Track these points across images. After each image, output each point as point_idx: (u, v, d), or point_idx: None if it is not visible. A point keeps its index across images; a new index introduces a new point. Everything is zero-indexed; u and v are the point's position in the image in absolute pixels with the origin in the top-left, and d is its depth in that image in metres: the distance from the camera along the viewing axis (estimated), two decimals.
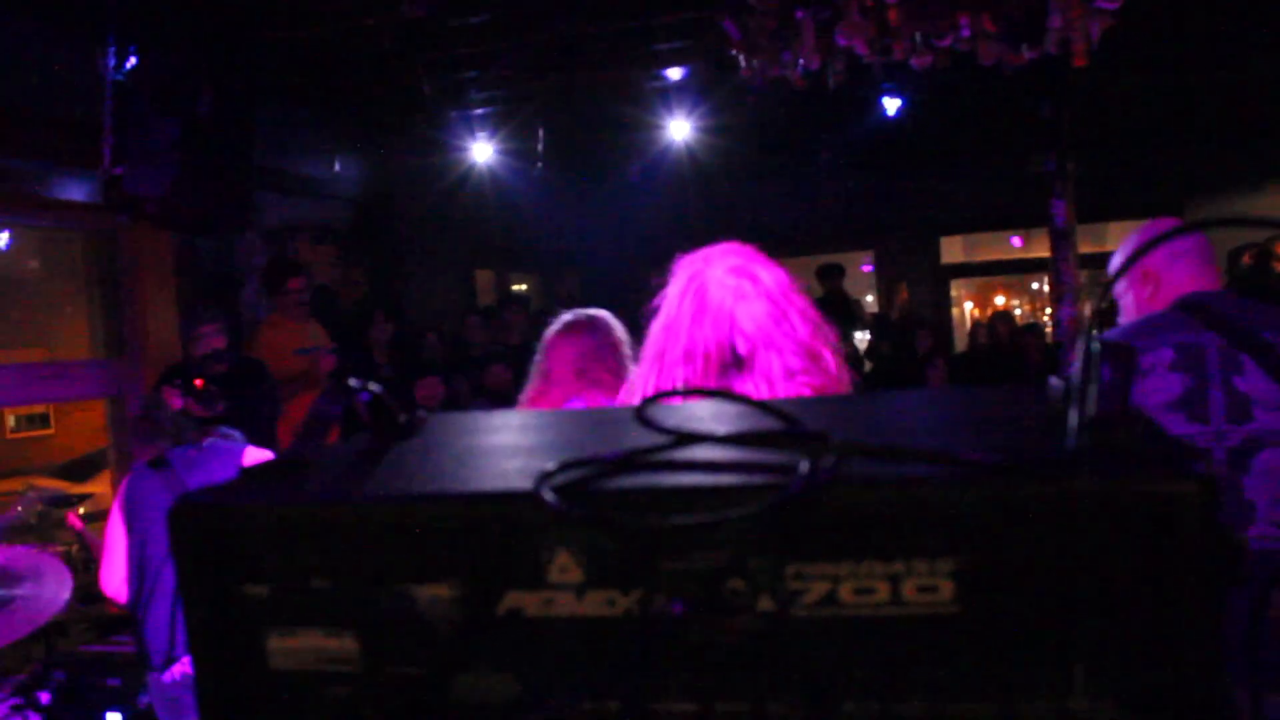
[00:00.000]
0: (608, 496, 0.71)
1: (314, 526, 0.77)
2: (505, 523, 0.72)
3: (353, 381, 0.93)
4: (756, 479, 0.71)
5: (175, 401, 3.96)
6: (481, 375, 6.41)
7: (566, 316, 3.09)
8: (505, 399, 5.75)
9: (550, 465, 0.73)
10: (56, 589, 3.14)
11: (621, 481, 0.73)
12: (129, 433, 4.41)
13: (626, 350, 2.95)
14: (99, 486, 13.75)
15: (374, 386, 0.93)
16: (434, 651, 0.76)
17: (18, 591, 3.13)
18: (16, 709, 3.63)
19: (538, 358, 3.07)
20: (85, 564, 4.48)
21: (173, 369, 4.21)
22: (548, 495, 0.69)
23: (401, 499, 0.76)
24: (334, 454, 0.92)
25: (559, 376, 2.96)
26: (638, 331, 2.66)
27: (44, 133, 4.78)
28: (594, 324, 3.03)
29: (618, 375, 2.89)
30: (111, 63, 4.45)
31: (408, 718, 0.78)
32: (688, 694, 0.73)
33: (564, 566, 0.72)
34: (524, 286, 11.80)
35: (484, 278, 10.28)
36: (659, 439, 0.79)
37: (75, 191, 5.12)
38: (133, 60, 4.47)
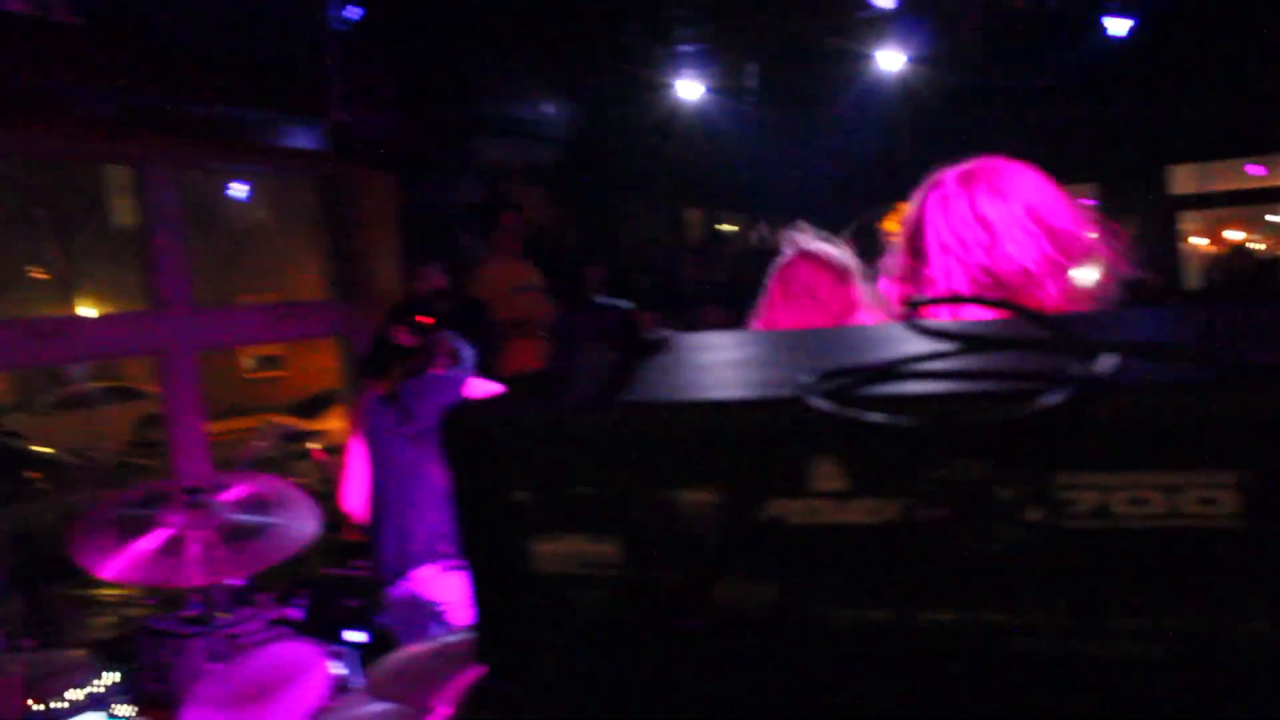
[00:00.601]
0: (873, 403, 0.71)
1: (577, 434, 0.80)
2: (769, 429, 0.73)
3: (603, 298, 0.95)
4: (1026, 385, 0.70)
5: (402, 338, 4.13)
6: (694, 313, 6.45)
7: (799, 248, 3.06)
8: None
9: (813, 373, 0.74)
10: (306, 520, 3.35)
11: (887, 389, 0.73)
12: (360, 369, 4.63)
13: (859, 282, 2.90)
14: (330, 422, 14.57)
15: (624, 303, 0.95)
16: (694, 557, 0.77)
17: (271, 520, 3.35)
18: (271, 623, 3.92)
19: (766, 287, 3.05)
20: (326, 497, 4.75)
21: (398, 308, 4.40)
22: (815, 400, 0.69)
23: (665, 406, 0.78)
24: (589, 367, 0.94)
25: (790, 306, 2.94)
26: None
27: (274, 84, 5.01)
28: (826, 256, 3.00)
29: (849, 307, 2.85)
30: (336, 13, 4.63)
31: (667, 621, 0.80)
32: (951, 604, 0.72)
33: (827, 473, 0.72)
34: (732, 226, 11.77)
35: (692, 216, 10.30)
36: (922, 348, 0.78)
37: (304, 140, 5.36)
38: (356, 10, 4.64)
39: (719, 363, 0.92)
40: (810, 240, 2.98)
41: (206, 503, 3.30)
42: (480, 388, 3.92)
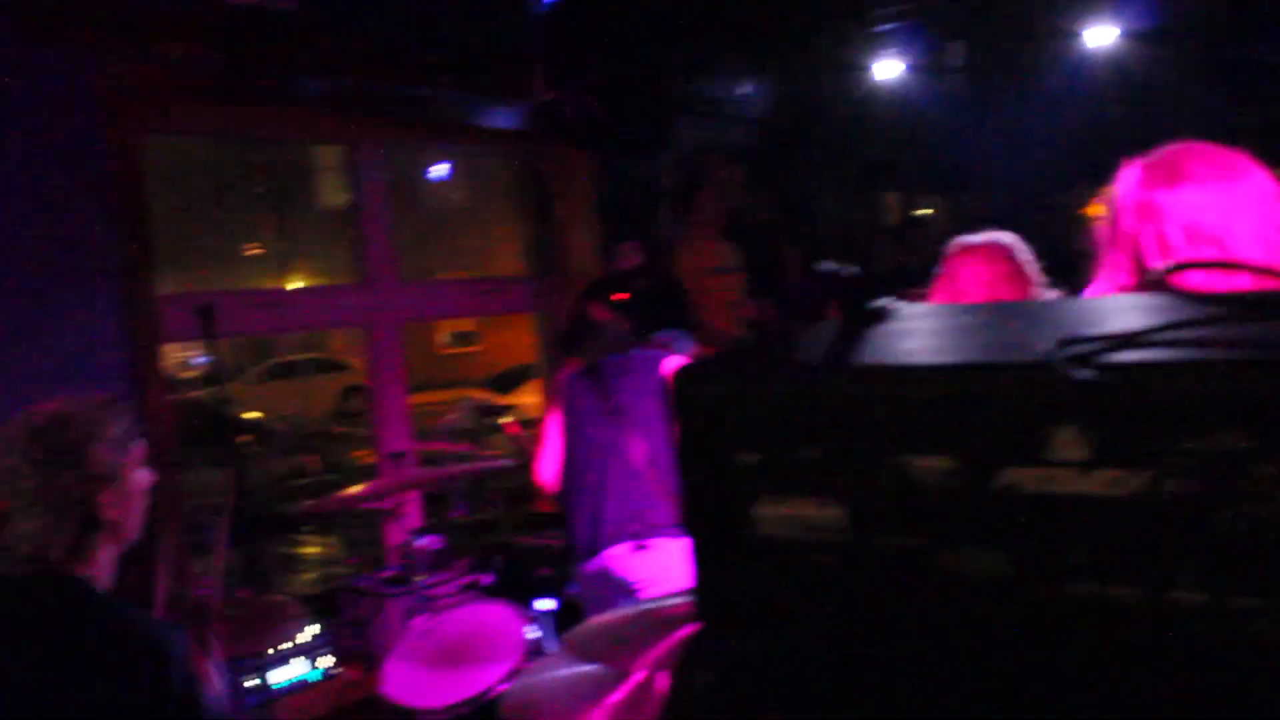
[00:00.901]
0: (1123, 370, 0.68)
1: (805, 397, 0.80)
2: (1010, 394, 0.71)
3: (829, 265, 0.94)
4: None
5: (600, 314, 4.19)
6: (892, 295, 6.31)
7: (974, 237, 2.98)
8: None
9: (1053, 340, 0.71)
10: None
11: (1135, 356, 0.70)
12: (558, 344, 4.72)
13: (1034, 273, 2.82)
14: (523, 397, 14.96)
15: (850, 269, 0.95)
16: (924, 524, 0.76)
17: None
18: (465, 588, 4.06)
19: (941, 277, 2.99)
20: (520, 470, 4.86)
21: (596, 284, 4.46)
22: (1062, 366, 0.67)
23: (898, 370, 0.77)
24: (815, 332, 0.94)
25: (971, 298, 2.87)
26: (1048, 254, 2.50)
27: (479, 66, 5.13)
28: (1004, 247, 2.91)
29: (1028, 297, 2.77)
30: None
31: (893, 589, 0.79)
32: (1200, 584, 0.69)
33: (1069, 442, 0.70)
34: (929, 210, 11.50)
35: (889, 199, 10.12)
36: (1166, 318, 0.75)
37: (507, 120, 5.48)
38: None
39: (947, 329, 0.90)
40: (989, 234, 2.89)
41: (409, 460, 3.47)
42: (679, 364, 3.94)
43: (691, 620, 0.91)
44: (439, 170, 8.49)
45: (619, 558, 3.73)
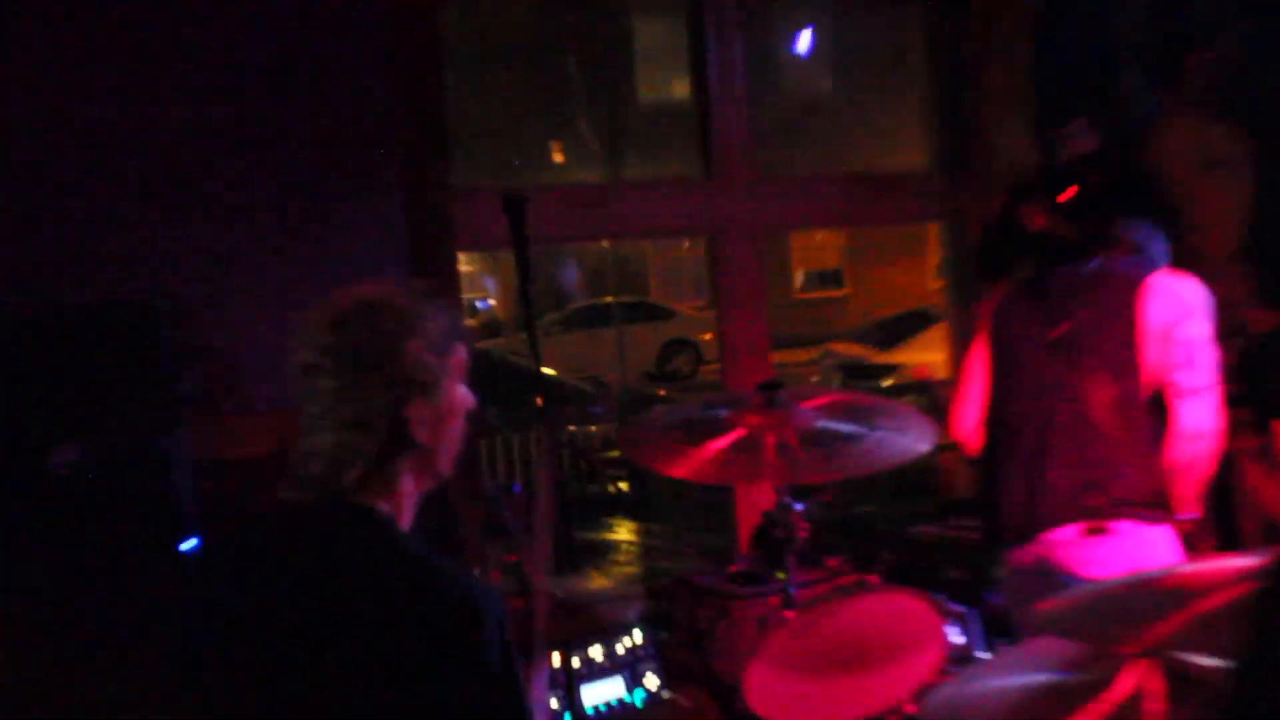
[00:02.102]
0: None
1: None
2: None
3: None
4: None
5: (1037, 220, 4.06)
6: None
7: None
8: None
9: None
10: (916, 439, 3.40)
11: None
12: (979, 263, 4.59)
13: None
14: (908, 354, 14.86)
15: None
16: None
17: (866, 429, 3.42)
18: (841, 589, 4.02)
19: None
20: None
21: (1029, 182, 4.34)
22: None
23: None
24: None
25: None
26: None
27: None
28: None
29: None
30: None
31: None
32: None
33: None
34: None
35: None
36: None
37: None
38: None
39: None
40: None
41: (783, 402, 3.44)
42: (1167, 288, 3.77)
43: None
44: (807, 37, 8.45)
45: (1065, 545, 3.64)
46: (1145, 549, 3.55)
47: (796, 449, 3.29)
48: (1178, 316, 3.69)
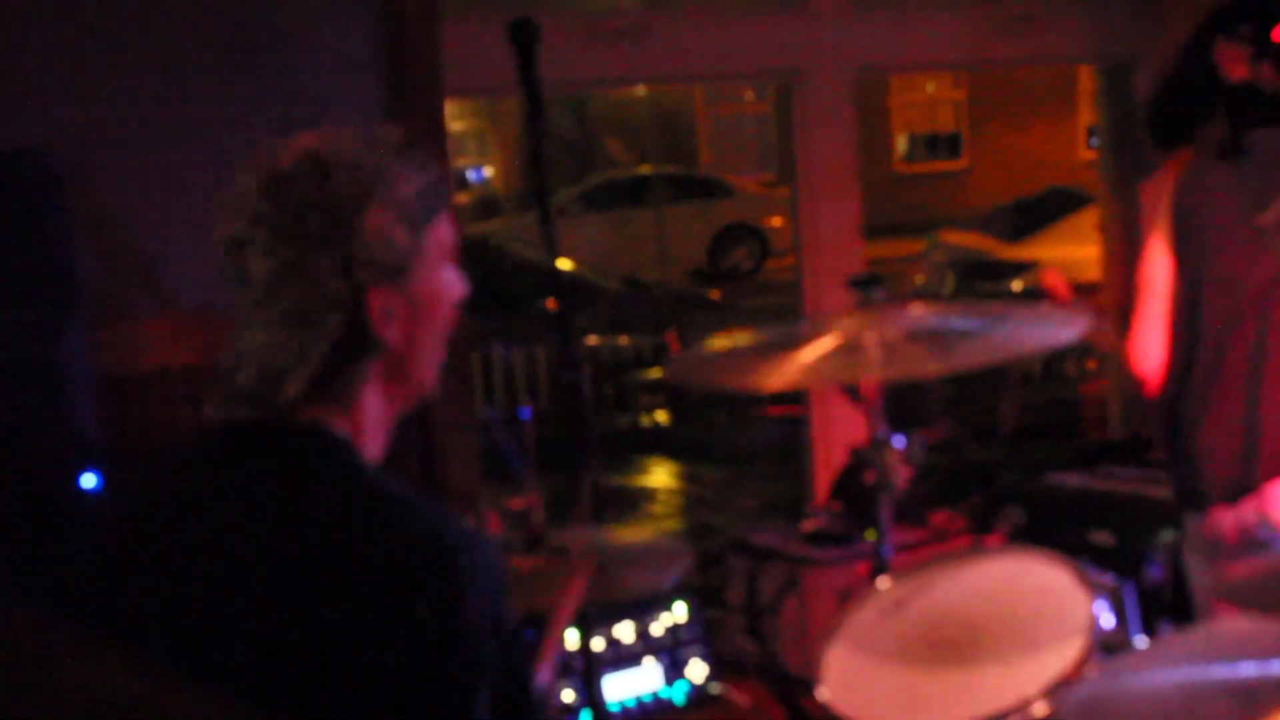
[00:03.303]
0: None
1: None
2: None
3: None
4: None
5: (1235, 63, 4.04)
6: None
7: None
8: None
9: None
10: (1059, 327, 3.41)
11: None
12: (1152, 119, 4.54)
13: None
14: (1046, 248, 14.79)
15: None
16: None
17: (986, 324, 3.45)
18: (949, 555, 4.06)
19: None
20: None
21: (1228, 9, 4.29)
22: None
23: None
24: None
25: None
26: None
27: None
28: None
29: None
30: None
31: None
32: None
33: None
34: None
35: None
36: None
37: None
38: None
39: None
40: None
41: (880, 298, 3.46)
42: None
43: None
44: None
45: None
46: None
47: (904, 345, 3.27)
48: None
